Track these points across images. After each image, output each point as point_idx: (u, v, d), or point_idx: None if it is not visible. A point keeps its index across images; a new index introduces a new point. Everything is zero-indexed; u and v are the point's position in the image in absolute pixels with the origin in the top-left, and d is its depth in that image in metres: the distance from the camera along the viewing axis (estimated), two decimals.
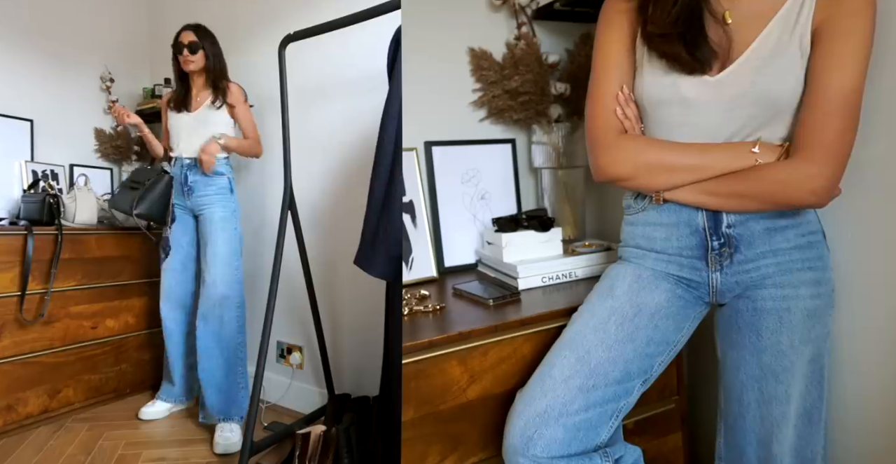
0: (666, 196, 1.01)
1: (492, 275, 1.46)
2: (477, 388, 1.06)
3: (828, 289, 1.00)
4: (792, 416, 1.00)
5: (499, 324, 1.06)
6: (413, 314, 1.16)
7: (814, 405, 1.00)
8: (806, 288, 0.98)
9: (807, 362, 0.99)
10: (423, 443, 1.02)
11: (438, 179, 1.56)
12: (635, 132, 1.03)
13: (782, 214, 0.97)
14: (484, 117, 1.65)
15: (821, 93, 0.88)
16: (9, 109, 2.35)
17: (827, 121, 0.87)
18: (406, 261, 1.43)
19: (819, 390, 1.01)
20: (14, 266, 1.94)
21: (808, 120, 0.89)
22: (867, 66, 0.87)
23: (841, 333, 1.14)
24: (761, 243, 0.99)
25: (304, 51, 2.01)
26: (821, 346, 1.00)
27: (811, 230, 0.99)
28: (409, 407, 1.00)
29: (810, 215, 1.00)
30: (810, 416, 1.00)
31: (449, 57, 1.59)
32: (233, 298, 1.92)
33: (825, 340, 1.00)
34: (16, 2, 2.40)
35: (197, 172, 1.93)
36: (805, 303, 0.98)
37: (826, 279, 1.00)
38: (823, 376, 1.01)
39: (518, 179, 1.68)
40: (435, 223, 1.54)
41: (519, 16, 1.61)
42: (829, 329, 1.01)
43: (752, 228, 0.98)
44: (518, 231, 1.42)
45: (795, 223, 0.98)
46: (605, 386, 0.97)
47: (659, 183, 0.99)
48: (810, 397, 1.00)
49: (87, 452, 1.81)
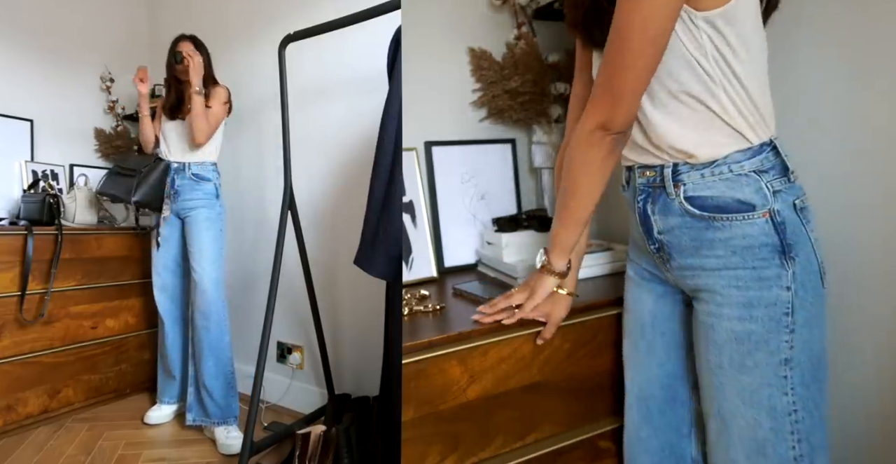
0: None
1: (492, 275, 1.45)
2: (477, 388, 1.06)
3: (773, 312, 0.85)
4: (734, 442, 0.89)
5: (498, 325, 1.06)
6: (413, 314, 1.15)
7: (767, 440, 0.86)
8: (731, 309, 0.87)
9: (748, 390, 0.87)
10: (423, 443, 1.02)
11: (438, 179, 1.56)
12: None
13: (709, 226, 0.88)
14: (484, 117, 1.65)
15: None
16: (9, 109, 2.35)
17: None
18: (406, 261, 1.43)
19: (777, 424, 0.85)
20: (14, 266, 1.95)
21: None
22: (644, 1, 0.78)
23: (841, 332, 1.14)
24: (689, 256, 0.92)
25: (304, 51, 2.01)
26: (770, 376, 0.85)
27: (747, 245, 0.86)
28: (409, 407, 1.00)
29: (749, 229, 0.85)
30: (764, 451, 0.86)
31: (449, 57, 1.59)
32: (217, 298, 1.93)
33: (780, 371, 0.85)
34: (16, 2, 2.40)
35: (184, 176, 1.95)
36: (731, 325, 0.87)
37: (768, 301, 0.85)
38: (786, 410, 0.85)
39: (518, 179, 1.68)
40: (435, 223, 1.54)
41: (519, 16, 1.62)
42: (784, 358, 0.84)
43: (679, 238, 0.93)
44: (518, 231, 1.42)
45: (725, 238, 0.87)
46: (658, 408, 1.04)
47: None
48: (761, 429, 0.86)
49: (87, 452, 1.81)
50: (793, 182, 0.87)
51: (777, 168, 0.86)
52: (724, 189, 0.87)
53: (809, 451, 0.85)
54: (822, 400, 0.88)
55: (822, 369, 0.88)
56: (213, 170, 2.01)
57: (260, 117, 2.30)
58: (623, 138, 0.90)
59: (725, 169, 0.86)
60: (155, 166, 1.95)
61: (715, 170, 0.87)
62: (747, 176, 0.86)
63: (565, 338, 1.13)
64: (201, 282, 1.90)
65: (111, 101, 2.75)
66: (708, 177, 0.88)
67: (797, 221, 0.86)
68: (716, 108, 0.85)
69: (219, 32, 2.41)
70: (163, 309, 2.06)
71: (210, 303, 1.90)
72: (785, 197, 0.86)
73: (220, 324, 1.93)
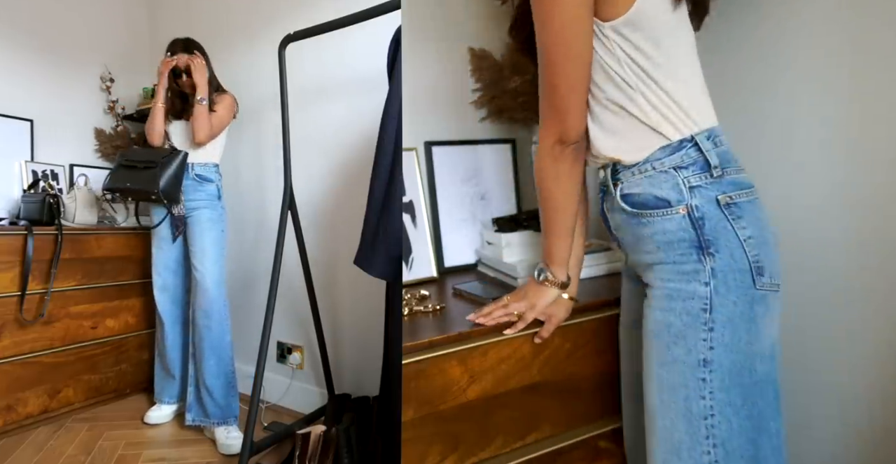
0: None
1: (492, 275, 1.45)
2: (477, 388, 1.06)
3: (690, 306, 0.85)
4: (657, 440, 0.89)
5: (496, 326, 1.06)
6: (413, 314, 1.15)
7: (682, 443, 0.85)
8: (658, 300, 0.90)
9: (666, 388, 0.87)
10: (423, 443, 1.02)
11: (438, 179, 1.56)
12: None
13: (639, 222, 0.91)
14: (484, 117, 1.65)
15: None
16: (9, 109, 2.35)
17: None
18: (406, 261, 1.43)
19: (692, 428, 0.84)
20: (14, 266, 1.94)
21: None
22: (556, 11, 0.82)
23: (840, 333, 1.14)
24: (633, 251, 0.97)
25: (304, 51, 2.01)
26: (688, 376, 0.85)
27: (668, 240, 0.88)
28: (409, 407, 1.00)
29: (668, 224, 0.88)
30: (679, 453, 0.85)
31: (449, 57, 1.59)
32: (219, 297, 1.94)
33: (697, 372, 0.84)
34: (16, 2, 2.40)
35: (188, 177, 1.95)
36: (655, 315, 0.90)
37: (686, 295, 0.86)
38: (702, 414, 0.84)
39: (518, 179, 1.68)
40: (435, 223, 1.54)
41: None
42: (702, 358, 0.84)
43: (625, 234, 0.97)
44: (518, 231, 1.42)
45: (651, 233, 0.90)
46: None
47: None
48: (677, 431, 0.85)
49: (87, 452, 1.81)
50: (717, 178, 0.86)
51: (698, 164, 0.87)
52: (646, 186, 0.90)
53: (724, 456, 0.84)
54: (745, 403, 0.85)
55: (750, 373, 0.85)
56: (215, 171, 2.01)
57: (260, 117, 2.30)
58: (581, 146, 0.94)
59: (649, 167, 0.89)
60: (174, 156, 1.92)
61: (641, 167, 0.91)
62: (666, 172, 0.88)
63: (565, 338, 1.13)
64: (203, 281, 1.90)
65: (111, 101, 2.75)
66: (637, 175, 0.91)
67: (720, 216, 0.85)
68: (636, 112, 0.88)
69: (219, 32, 2.41)
70: (163, 309, 2.06)
71: (212, 302, 1.91)
72: (704, 192, 0.86)
73: (222, 323, 1.93)
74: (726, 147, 0.89)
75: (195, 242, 1.94)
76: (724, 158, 0.88)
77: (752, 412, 0.85)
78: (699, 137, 0.87)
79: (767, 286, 0.85)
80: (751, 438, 0.85)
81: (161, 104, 1.97)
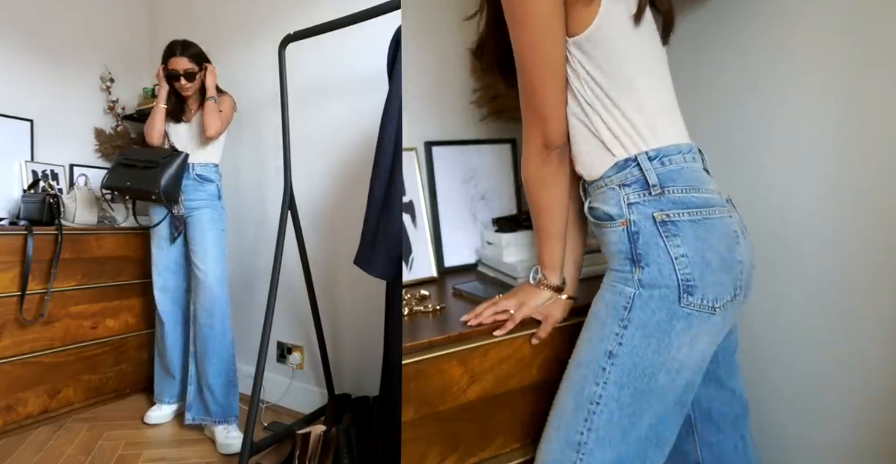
0: None
1: (492, 275, 1.45)
2: (477, 388, 1.06)
3: (615, 300, 0.90)
4: (556, 401, 0.96)
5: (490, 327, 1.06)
6: (413, 314, 1.15)
7: (565, 416, 0.92)
8: (600, 292, 0.96)
9: (573, 366, 0.94)
10: (423, 443, 1.02)
11: (438, 179, 1.56)
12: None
13: (599, 232, 0.97)
14: (484, 117, 1.65)
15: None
16: (9, 109, 2.35)
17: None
18: (406, 261, 1.43)
19: (577, 405, 0.90)
20: (14, 266, 1.94)
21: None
22: (529, 22, 0.85)
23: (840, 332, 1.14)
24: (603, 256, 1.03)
25: (304, 51, 2.01)
26: (592, 361, 0.91)
27: (612, 251, 0.93)
28: (409, 407, 1.00)
29: (613, 236, 0.92)
30: (559, 424, 0.93)
31: (449, 57, 1.59)
32: (222, 296, 1.94)
33: (601, 361, 0.89)
34: (16, 2, 2.40)
35: (188, 177, 1.95)
36: (594, 302, 0.96)
37: (615, 290, 0.91)
38: (590, 398, 0.89)
39: (518, 179, 1.68)
40: (435, 223, 1.54)
41: None
42: (609, 350, 0.89)
43: (597, 240, 1.02)
44: (518, 231, 1.42)
45: (604, 243, 0.96)
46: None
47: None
48: (566, 403, 0.93)
49: (87, 452, 1.81)
50: (656, 196, 0.88)
51: (639, 182, 0.90)
52: (600, 201, 0.95)
53: (595, 440, 0.89)
54: (633, 404, 0.88)
55: (649, 379, 0.87)
56: (215, 171, 2.02)
57: (260, 117, 2.30)
58: (565, 150, 0.96)
59: (602, 183, 0.94)
60: (175, 157, 1.92)
61: (598, 183, 0.95)
62: (613, 189, 0.92)
63: (565, 339, 1.13)
64: (206, 279, 1.90)
65: (111, 101, 2.75)
66: (596, 190, 0.96)
67: (653, 232, 0.88)
68: (593, 131, 0.92)
69: (218, 32, 2.42)
70: (163, 309, 2.06)
71: (215, 300, 1.91)
72: (642, 209, 0.89)
73: (224, 321, 1.93)
74: (677, 167, 0.89)
75: (197, 242, 1.95)
76: (669, 177, 0.89)
77: (637, 414, 0.89)
78: (641, 156, 0.90)
79: (695, 306, 0.85)
80: (625, 433, 0.89)
81: (163, 105, 1.97)
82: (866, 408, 1.12)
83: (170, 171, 1.89)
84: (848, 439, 1.16)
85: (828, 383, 1.18)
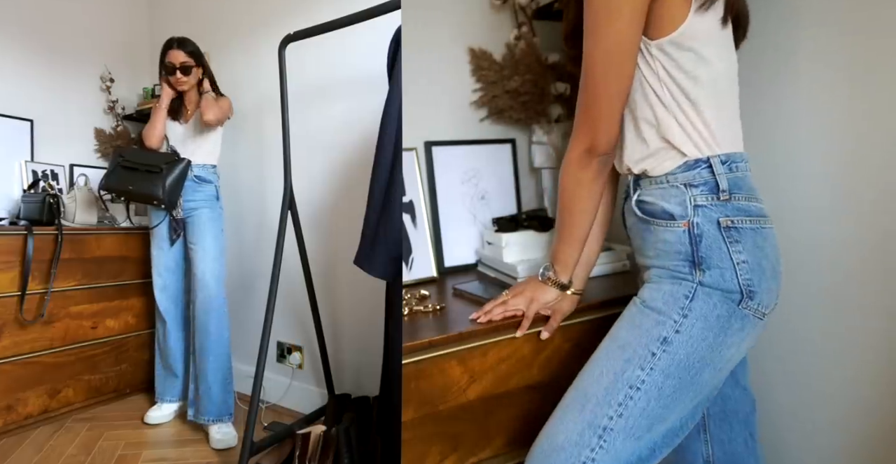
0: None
1: (492, 275, 1.45)
2: (477, 388, 1.06)
3: (675, 291, 0.90)
4: (582, 378, 0.93)
5: (499, 324, 1.06)
6: (413, 314, 1.15)
7: (595, 395, 0.89)
8: (647, 284, 0.96)
9: (617, 342, 0.93)
10: (423, 443, 1.02)
11: (438, 179, 1.56)
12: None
13: (646, 229, 0.97)
14: (484, 117, 1.65)
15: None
16: (9, 109, 2.35)
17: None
18: (406, 261, 1.43)
19: (612, 387, 0.88)
20: (14, 266, 1.94)
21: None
22: (607, 30, 0.84)
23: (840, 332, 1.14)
24: (639, 254, 1.03)
25: (304, 51, 2.01)
26: (641, 344, 0.89)
27: (666, 250, 0.93)
28: (409, 407, 1.00)
29: (669, 235, 0.92)
30: (584, 404, 0.89)
31: (449, 57, 1.59)
32: (218, 295, 1.95)
33: (652, 346, 0.88)
34: (16, 2, 2.40)
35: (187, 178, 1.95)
36: (641, 293, 0.95)
37: (674, 284, 0.91)
38: (630, 382, 0.87)
39: (518, 179, 1.68)
40: (435, 223, 1.54)
41: (519, 16, 1.61)
42: (664, 336, 0.87)
43: (634, 237, 1.02)
44: (518, 231, 1.42)
45: (654, 241, 0.96)
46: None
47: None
48: (598, 383, 0.90)
49: (87, 452, 1.81)
50: (723, 201, 0.89)
51: (708, 185, 0.90)
52: (658, 197, 0.94)
53: (622, 430, 0.86)
54: (672, 395, 0.87)
55: (695, 373, 0.87)
56: (213, 172, 2.02)
57: (260, 117, 2.30)
58: (609, 159, 0.95)
59: (664, 180, 0.93)
60: (178, 163, 1.91)
61: (658, 179, 0.94)
62: (677, 187, 0.92)
63: (566, 338, 1.13)
64: (203, 278, 1.91)
65: (111, 101, 2.75)
66: (653, 185, 0.95)
67: (717, 236, 0.88)
68: (664, 130, 0.91)
69: (218, 32, 2.42)
70: (164, 309, 2.06)
71: (212, 299, 1.92)
72: (708, 213, 0.89)
73: (221, 320, 1.94)
74: (742, 174, 0.91)
75: (196, 241, 1.95)
76: (736, 183, 0.90)
77: (670, 407, 0.88)
78: (714, 159, 0.90)
79: (752, 310, 0.88)
80: (651, 426, 0.88)
81: (165, 106, 1.98)
82: (867, 407, 1.12)
83: (172, 177, 1.89)
84: (849, 439, 1.16)
85: (828, 382, 1.18)
